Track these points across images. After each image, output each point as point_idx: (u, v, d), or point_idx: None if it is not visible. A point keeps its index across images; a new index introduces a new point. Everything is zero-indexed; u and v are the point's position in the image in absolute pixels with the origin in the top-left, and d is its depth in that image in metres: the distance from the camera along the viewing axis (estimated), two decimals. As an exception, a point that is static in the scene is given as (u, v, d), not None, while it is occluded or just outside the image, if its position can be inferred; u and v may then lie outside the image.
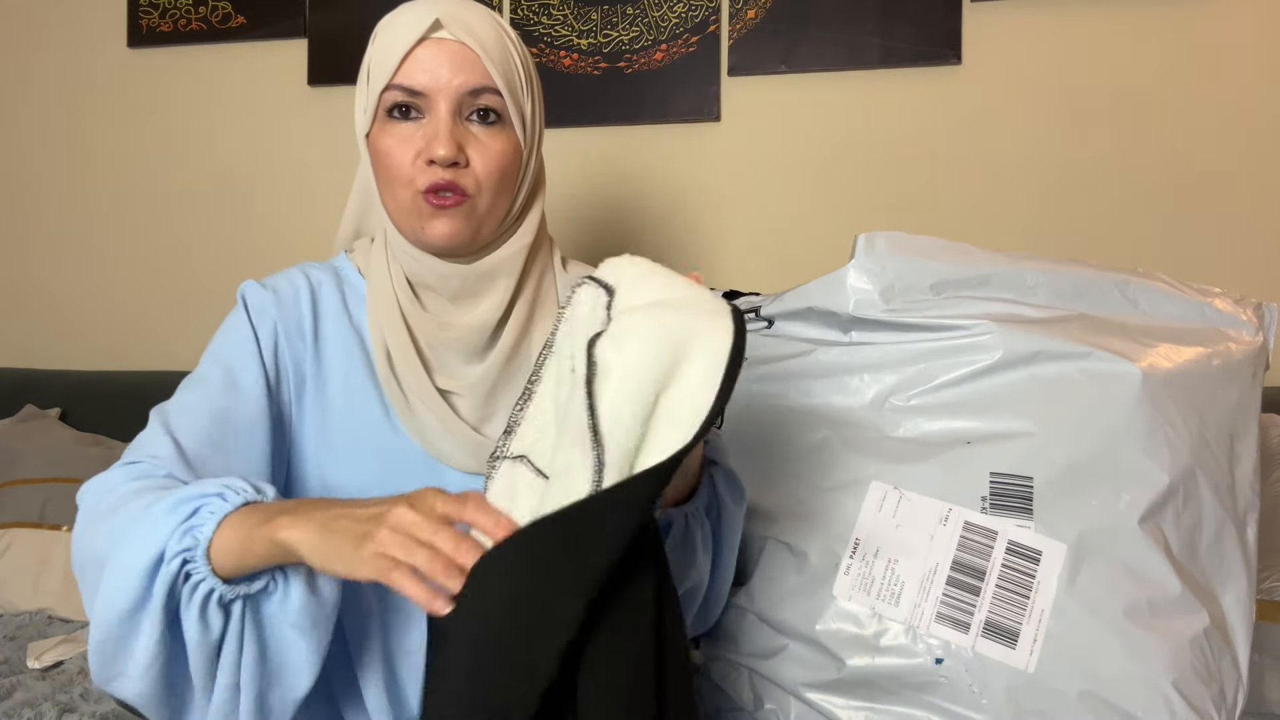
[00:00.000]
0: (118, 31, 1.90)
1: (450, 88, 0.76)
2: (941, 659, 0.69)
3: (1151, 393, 0.73)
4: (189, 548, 0.63)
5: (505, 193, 0.80)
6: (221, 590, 0.63)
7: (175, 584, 0.63)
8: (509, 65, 0.79)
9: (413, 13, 0.77)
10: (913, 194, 1.60)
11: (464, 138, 0.77)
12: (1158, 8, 1.50)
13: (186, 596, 0.63)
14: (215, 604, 0.64)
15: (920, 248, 0.79)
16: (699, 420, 0.57)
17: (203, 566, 0.62)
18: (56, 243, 1.98)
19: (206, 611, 0.64)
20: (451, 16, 0.77)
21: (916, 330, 0.77)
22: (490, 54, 0.77)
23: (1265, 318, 0.81)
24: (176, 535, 0.63)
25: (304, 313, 0.82)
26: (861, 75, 1.60)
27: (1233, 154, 1.50)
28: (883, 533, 0.73)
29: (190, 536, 0.63)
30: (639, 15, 1.63)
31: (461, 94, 0.77)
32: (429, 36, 0.76)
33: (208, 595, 0.63)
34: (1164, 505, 0.72)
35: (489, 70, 0.77)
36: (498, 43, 0.79)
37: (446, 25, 0.76)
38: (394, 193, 0.79)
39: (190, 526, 0.63)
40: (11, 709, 1.13)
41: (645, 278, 0.64)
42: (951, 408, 0.75)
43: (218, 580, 0.63)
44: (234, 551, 0.62)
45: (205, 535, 0.62)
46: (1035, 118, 1.56)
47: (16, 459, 1.62)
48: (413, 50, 0.76)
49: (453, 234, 0.78)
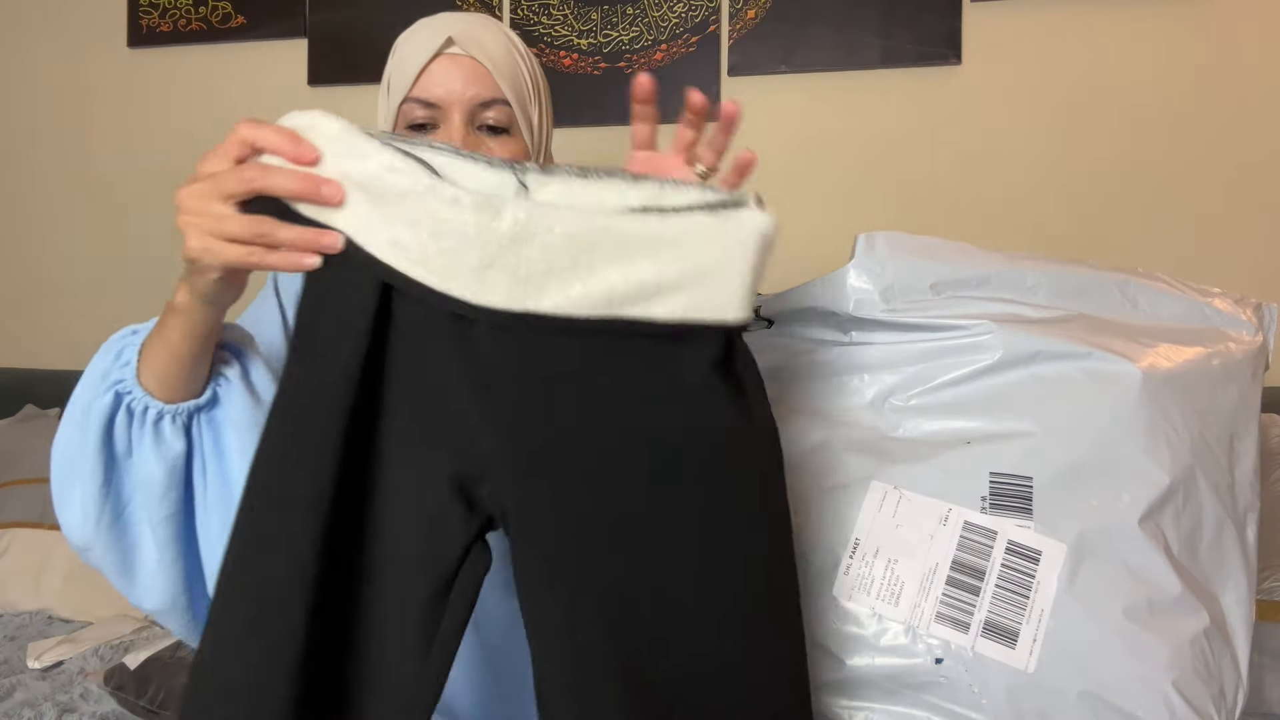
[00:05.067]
0: (118, 31, 1.90)
1: (463, 100, 0.82)
2: (941, 659, 0.69)
3: (1151, 393, 0.73)
4: (119, 380, 0.65)
5: None
6: (170, 410, 0.66)
7: (112, 420, 0.66)
8: (518, 78, 0.85)
9: (428, 30, 0.84)
10: (912, 194, 1.60)
11: (476, 146, 0.83)
12: (1157, 8, 1.50)
13: (138, 428, 0.66)
14: (170, 425, 0.66)
15: (920, 248, 0.79)
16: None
17: (140, 394, 0.65)
18: (57, 242, 1.98)
19: (161, 434, 0.66)
20: (464, 34, 0.83)
21: (916, 330, 0.77)
22: (500, 68, 0.83)
23: (1265, 318, 0.81)
24: (110, 373, 0.66)
25: None
26: (861, 75, 1.60)
27: (1233, 154, 1.50)
28: (883, 533, 0.73)
29: (118, 370, 0.66)
30: (639, 15, 1.63)
31: (473, 105, 0.83)
32: (443, 52, 0.82)
33: (158, 418, 0.66)
34: (1164, 505, 0.72)
35: (499, 83, 0.83)
36: (507, 57, 0.85)
37: (459, 42, 0.82)
38: None
39: (119, 365, 0.66)
40: (11, 709, 1.13)
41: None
42: (951, 408, 0.75)
43: (161, 403, 0.65)
44: (161, 362, 0.65)
45: (131, 362, 0.65)
46: (1035, 118, 1.56)
47: (16, 459, 1.62)
48: (428, 65, 0.82)
49: None
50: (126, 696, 1.13)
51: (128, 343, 0.67)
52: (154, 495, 0.67)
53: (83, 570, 1.49)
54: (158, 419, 0.66)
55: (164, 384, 0.65)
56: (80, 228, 1.94)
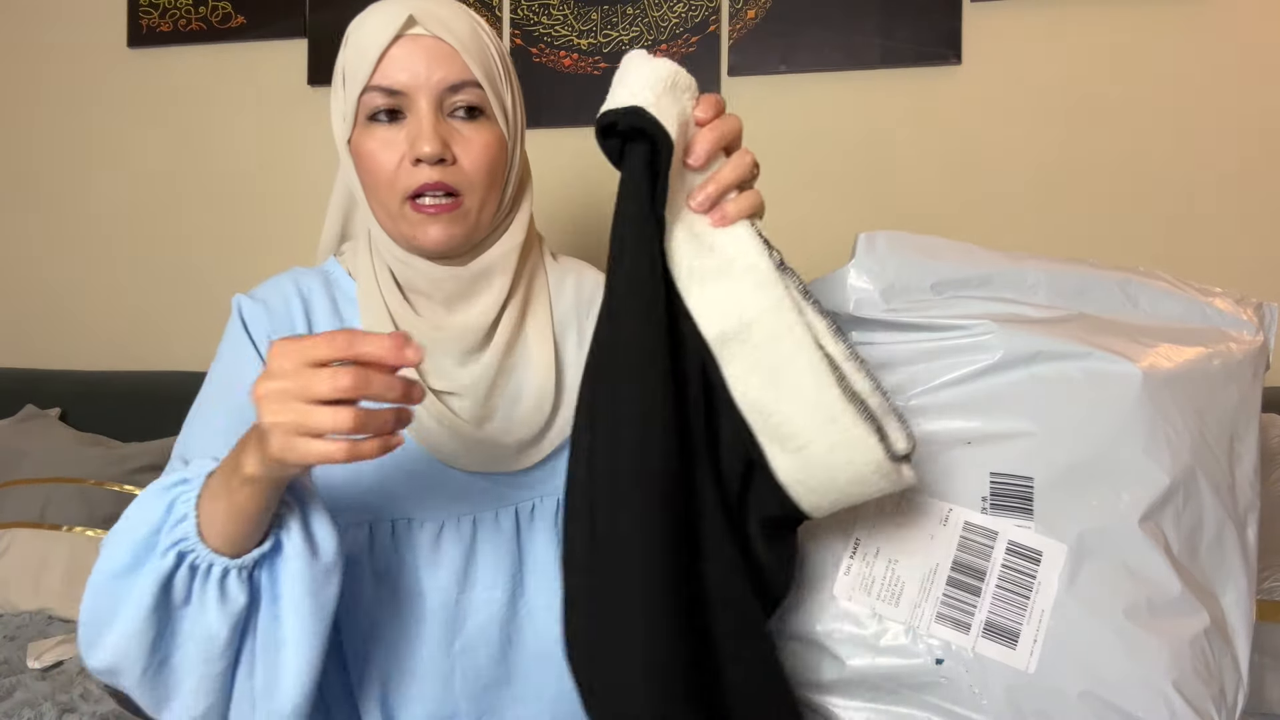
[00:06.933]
0: (118, 31, 1.90)
1: (430, 84, 0.75)
2: (942, 659, 0.69)
3: (1152, 392, 0.72)
4: (180, 539, 0.62)
5: (495, 187, 0.80)
6: (235, 565, 0.63)
7: (171, 578, 0.63)
8: (487, 58, 0.78)
9: (384, 12, 0.76)
10: (913, 194, 1.60)
11: (449, 134, 0.76)
12: (1157, 8, 1.50)
13: (200, 584, 0.63)
14: (235, 579, 0.63)
15: (921, 247, 0.79)
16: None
17: (204, 551, 0.62)
18: (56, 242, 1.98)
19: (226, 590, 0.64)
20: (425, 12, 0.76)
21: (917, 330, 0.77)
22: (467, 48, 0.76)
23: (1265, 317, 0.81)
24: (165, 531, 0.63)
25: (296, 320, 0.82)
26: (861, 75, 1.60)
27: (1233, 154, 1.50)
28: (883, 533, 0.73)
29: (177, 529, 0.62)
30: (639, 15, 1.63)
31: (442, 89, 0.76)
32: (404, 34, 0.75)
33: (224, 575, 0.63)
34: (1164, 505, 0.72)
35: (468, 64, 0.76)
36: (473, 36, 0.78)
37: (421, 21, 0.75)
38: (381, 198, 0.78)
39: (174, 522, 0.63)
40: (11, 709, 1.13)
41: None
42: (952, 408, 0.75)
43: (227, 559, 0.63)
44: (228, 522, 0.62)
45: (188, 518, 0.62)
46: (1035, 118, 1.56)
47: (16, 459, 1.62)
48: (388, 49, 0.75)
49: (447, 239, 0.78)
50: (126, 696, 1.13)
51: (179, 495, 0.63)
52: (214, 651, 0.65)
53: (83, 570, 1.49)
54: (223, 576, 0.63)
55: (230, 542, 0.62)
56: (80, 228, 1.94)
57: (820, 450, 0.60)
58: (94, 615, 0.65)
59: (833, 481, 0.61)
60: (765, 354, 0.62)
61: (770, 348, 0.61)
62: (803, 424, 0.60)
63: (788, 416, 0.61)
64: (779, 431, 0.62)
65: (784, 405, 0.61)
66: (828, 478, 0.61)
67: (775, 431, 0.62)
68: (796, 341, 0.61)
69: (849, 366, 0.63)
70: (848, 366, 0.63)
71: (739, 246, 0.64)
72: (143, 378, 1.79)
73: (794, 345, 0.61)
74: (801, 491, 0.62)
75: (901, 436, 0.62)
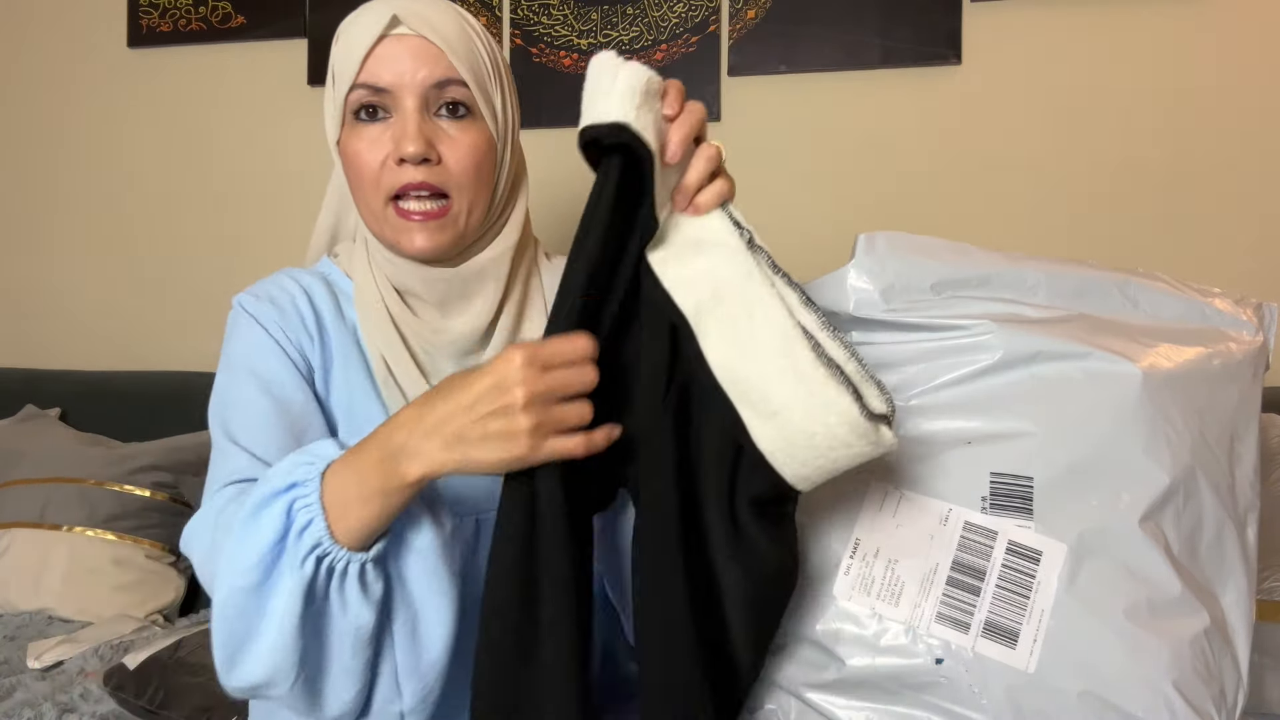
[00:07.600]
0: (118, 31, 1.90)
1: (414, 82, 0.76)
2: (942, 659, 0.69)
3: (1152, 393, 0.72)
4: (315, 545, 0.62)
5: (484, 188, 0.79)
6: (371, 557, 0.64)
7: (313, 585, 0.63)
8: (474, 57, 0.78)
9: (371, 13, 0.77)
10: (913, 194, 1.60)
11: (434, 134, 0.76)
12: (1157, 8, 1.50)
13: (338, 584, 0.64)
14: (372, 570, 0.65)
15: (920, 247, 0.79)
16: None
17: (340, 552, 0.63)
18: (56, 242, 1.98)
19: (367, 583, 0.65)
20: (410, 12, 0.76)
21: (916, 330, 0.77)
22: (453, 46, 0.76)
23: (1265, 318, 0.81)
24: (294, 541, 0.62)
25: (304, 311, 0.82)
26: (861, 75, 1.60)
27: (1233, 153, 1.50)
28: (883, 532, 0.73)
29: (307, 537, 0.62)
30: (639, 15, 1.63)
31: (426, 88, 0.76)
32: (389, 34, 0.76)
33: (361, 570, 0.64)
34: (1164, 505, 0.72)
35: (453, 63, 0.76)
36: (460, 35, 0.78)
37: (405, 20, 0.76)
38: (365, 198, 0.78)
39: (303, 531, 0.63)
40: (11, 709, 1.13)
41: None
42: (952, 408, 0.75)
43: (357, 554, 0.63)
44: (366, 525, 0.63)
45: (315, 522, 0.62)
46: (1035, 118, 1.56)
47: (16, 459, 1.62)
48: (374, 48, 0.76)
49: (433, 247, 0.77)
50: (126, 696, 1.13)
51: (296, 500, 0.63)
52: (361, 641, 0.66)
53: (83, 570, 1.49)
54: (361, 571, 0.64)
55: (363, 538, 0.63)
56: (80, 228, 1.94)
57: (796, 414, 0.61)
58: (230, 636, 0.64)
59: (812, 445, 0.62)
60: (738, 321, 0.64)
61: (742, 314, 0.64)
62: (775, 387, 0.62)
63: (760, 380, 0.63)
64: (751, 396, 0.63)
65: (755, 368, 0.63)
66: (806, 442, 0.62)
67: (748, 397, 0.63)
68: (766, 308, 0.64)
69: (823, 335, 0.65)
70: (822, 335, 0.65)
71: (710, 226, 0.68)
72: (143, 378, 1.79)
73: (764, 312, 0.64)
74: (783, 459, 0.63)
75: (879, 399, 0.63)
